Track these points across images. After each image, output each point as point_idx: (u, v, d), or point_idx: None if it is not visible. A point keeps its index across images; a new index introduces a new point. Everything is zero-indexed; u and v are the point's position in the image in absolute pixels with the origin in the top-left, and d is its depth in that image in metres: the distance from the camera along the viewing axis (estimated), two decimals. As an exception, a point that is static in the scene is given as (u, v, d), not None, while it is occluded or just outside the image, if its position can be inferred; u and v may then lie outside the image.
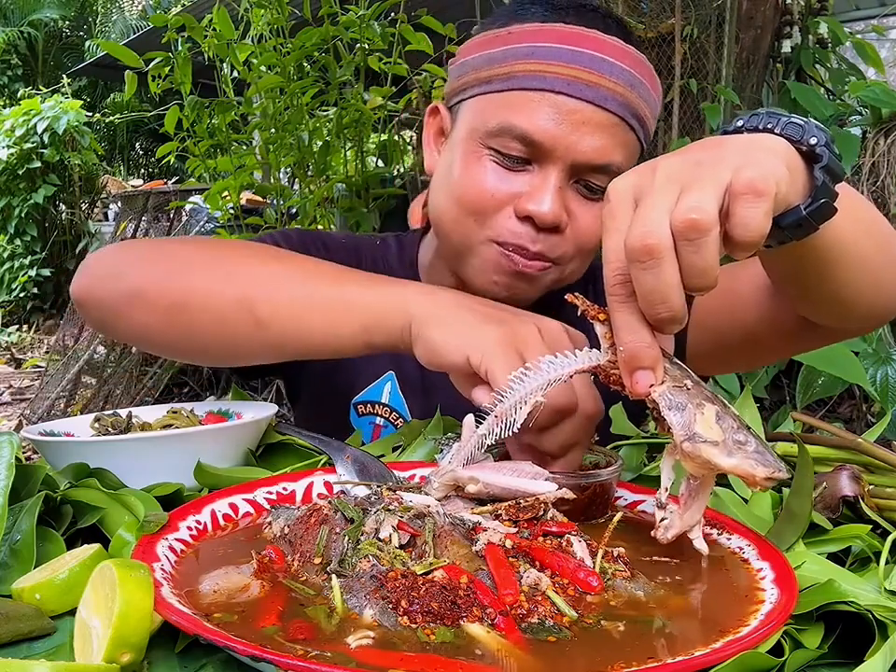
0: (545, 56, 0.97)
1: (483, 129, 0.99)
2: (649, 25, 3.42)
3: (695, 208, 0.56)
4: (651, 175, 0.61)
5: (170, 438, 0.85)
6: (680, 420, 0.58)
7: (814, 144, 0.65)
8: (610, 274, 0.60)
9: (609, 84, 0.97)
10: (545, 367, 0.65)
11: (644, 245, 0.56)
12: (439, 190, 1.06)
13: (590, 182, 0.99)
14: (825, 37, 3.58)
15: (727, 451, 0.57)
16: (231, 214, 3.15)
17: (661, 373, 0.60)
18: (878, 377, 2.63)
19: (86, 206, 9.57)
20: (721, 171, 0.58)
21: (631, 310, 0.59)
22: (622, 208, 0.61)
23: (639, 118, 1.00)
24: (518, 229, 0.97)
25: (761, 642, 0.50)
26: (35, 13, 13.22)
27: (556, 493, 0.71)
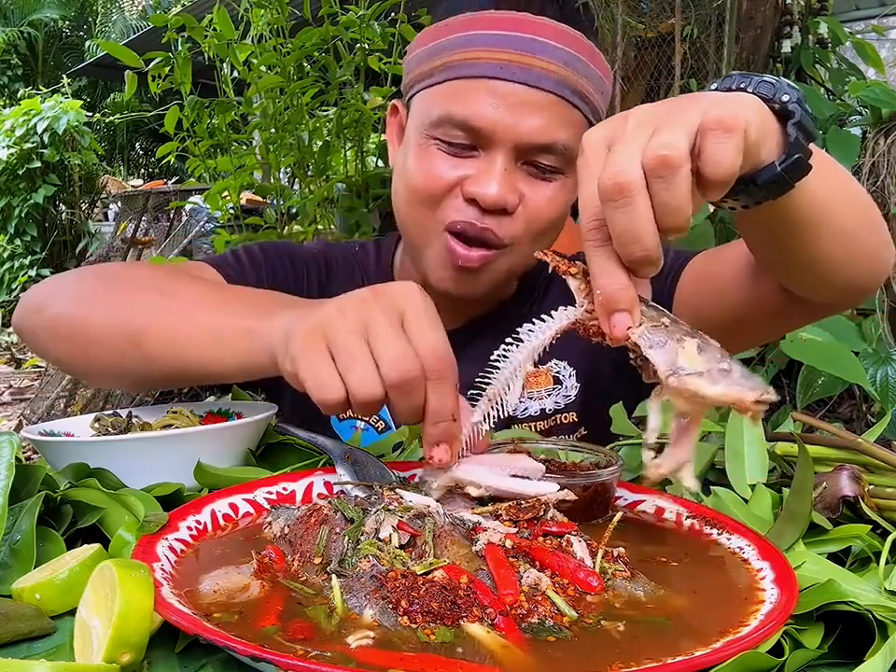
0: (477, 43, 1.00)
1: (428, 121, 1.02)
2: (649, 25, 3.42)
3: (666, 144, 0.57)
4: (623, 122, 0.61)
5: (170, 438, 0.85)
6: (663, 357, 0.58)
7: (786, 101, 0.66)
8: (586, 220, 0.60)
9: (543, 64, 0.98)
10: (525, 337, 0.65)
11: (615, 183, 0.56)
12: (396, 185, 1.09)
13: (539, 162, 1.01)
14: (825, 37, 3.58)
15: (712, 380, 0.56)
16: (230, 214, 3.15)
17: (638, 315, 0.60)
18: (878, 377, 2.63)
19: (86, 206, 9.57)
20: (691, 114, 0.59)
21: (607, 254, 0.59)
22: (595, 156, 0.61)
23: (580, 94, 1.01)
24: (465, 208, 1.00)
25: (761, 642, 0.50)
26: (35, 13, 13.22)
27: (557, 493, 0.71)
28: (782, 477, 0.84)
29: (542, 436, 1.07)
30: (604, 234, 0.59)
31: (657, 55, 3.39)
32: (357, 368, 0.67)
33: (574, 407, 1.15)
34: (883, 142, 2.94)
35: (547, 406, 1.15)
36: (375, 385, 0.66)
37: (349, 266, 1.22)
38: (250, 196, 3.87)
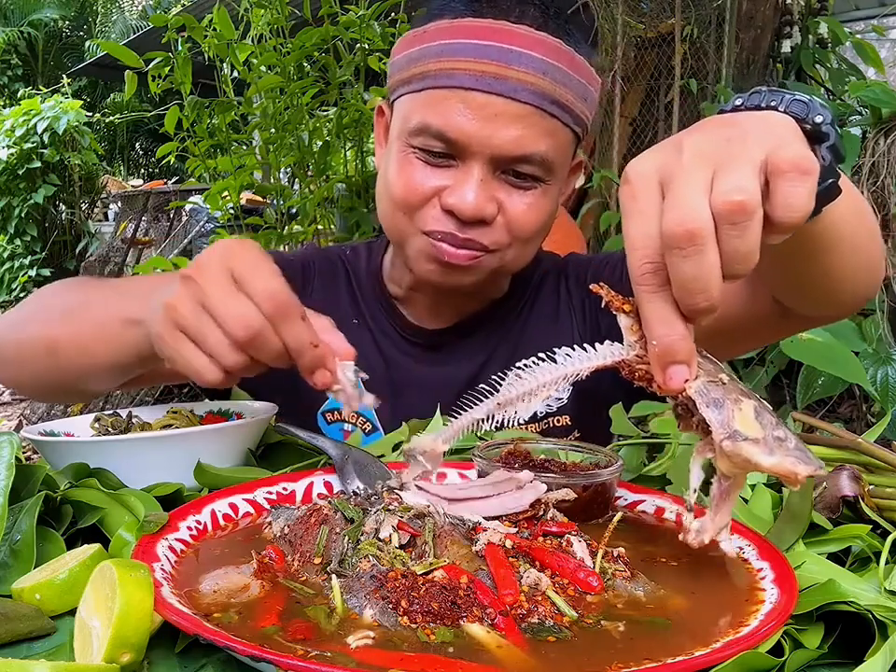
0: (453, 53, 0.99)
1: (407, 129, 1.02)
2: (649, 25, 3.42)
3: (739, 188, 0.52)
4: (677, 153, 0.56)
5: (170, 438, 0.85)
6: (719, 417, 0.55)
7: (819, 122, 0.62)
8: (637, 262, 0.55)
9: (519, 75, 0.97)
10: (560, 360, 0.61)
11: (685, 230, 0.52)
12: (379, 189, 1.10)
13: (518, 171, 1.01)
14: (825, 37, 3.58)
15: (768, 449, 0.54)
16: (230, 214, 3.15)
17: (695, 368, 0.57)
18: (878, 377, 2.63)
19: (86, 206, 9.57)
20: (754, 149, 0.55)
21: (664, 300, 0.55)
22: (645, 190, 0.56)
23: (559, 104, 1.00)
24: (444, 219, 1.00)
25: (761, 642, 0.50)
26: (35, 13, 13.22)
27: (557, 493, 0.71)
28: (782, 477, 0.84)
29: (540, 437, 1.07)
30: (660, 279, 0.54)
31: (657, 55, 3.40)
32: (208, 341, 0.69)
33: (567, 410, 1.15)
34: (883, 142, 2.94)
35: (538, 409, 1.15)
36: (231, 350, 0.68)
37: (332, 268, 1.23)
38: (250, 196, 3.87)
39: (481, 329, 1.17)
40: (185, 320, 0.70)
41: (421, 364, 1.16)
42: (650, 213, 0.55)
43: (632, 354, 0.59)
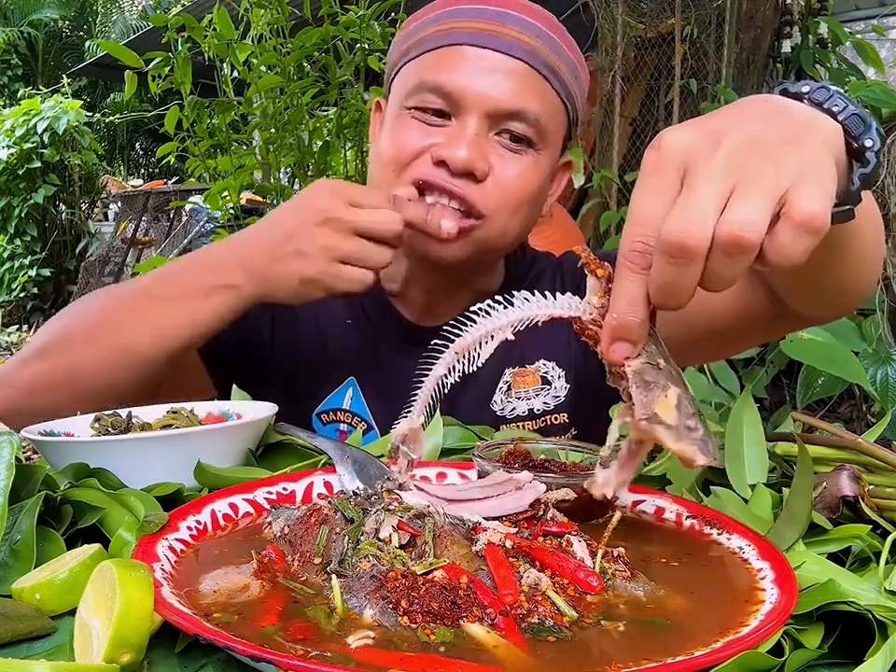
0: (451, 16, 1.04)
1: (404, 92, 1.05)
2: (649, 25, 3.42)
3: (747, 224, 0.52)
4: (713, 148, 0.54)
5: (170, 438, 0.85)
6: (644, 399, 0.58)
7: (868, 146, 0.61)
8: (631, 237, 0.55)
9: (514, 33, 1.02)
10: (518, 303, 0.62)
11: (682, 243, 0.52)
12: (371, 164, 1.13)
13: (512, 131, 1.02)
14: (825, 37, 3.58)
15: (677, 435, 0.57)
16: (230, 214, 3.14)
17: (640, 348, 0.59)
18: (878, 377, 2.63)
19: (86, 206, 9.57)
20: (782, 177, 0.54)
21: (639, 283, 0.55)
22: (669, 170, 0.55)
23: (551, 68, 1.04)
24: (434, 171, 1.01)
25: (761, 642, 0.50)
26: (35, 13, 13.23)
27: (557, 493, 0.71)
28: (782, 477, 0.84)
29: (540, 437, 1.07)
30: (645, 262, 0.55)
31: (657, 55, 3.40)
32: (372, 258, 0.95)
33: (565, 408, 1.15)
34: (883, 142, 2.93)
35: (535, 406, 1.15)
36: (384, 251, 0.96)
37: None
38: (250, 196, 3.87)
39: None
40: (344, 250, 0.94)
41: (416, 362, 1.16)
42: (665, 195, 0.54)
43: (588, 315, 0.61)
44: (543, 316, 0.62)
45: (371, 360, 1.17)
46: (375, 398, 1.15)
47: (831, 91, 0.63)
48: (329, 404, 1.17)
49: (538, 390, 1.15)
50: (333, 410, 1.17)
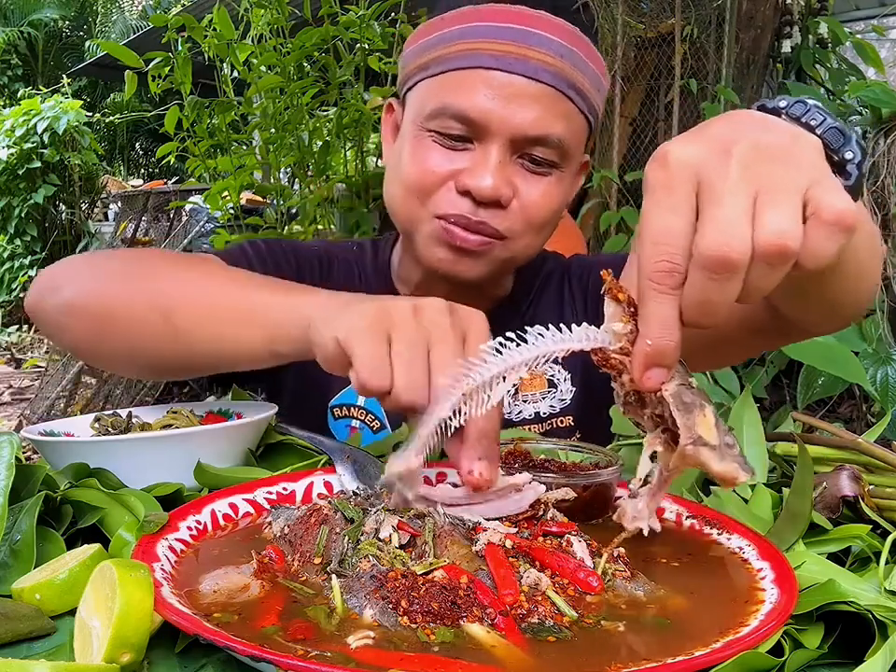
0: (474, 35, 1.00)
1: (424, 113, 1.02)
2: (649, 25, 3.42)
3: (785, 232, 0.51)
4: (724, 159, 0.53)
5: (170, 438, 0.85)
6: (686, 422, 0.56)
7: (848, 159, 0.61)
8: (654, 257, 0.53)
9: (539, 56, 0.99)
10: (531, 340, 0.58)
11: (725, 257, 0.51)
12: (390, 179, 1.09)
13: (534, 155, 1.01)
14: (825, 37, 3.58)
15: (720, 455, 0.56)
16: (230, 214, 3.15)
17: (673, 371, 0.57)
18: (878, 377, 2.63)
19: (86, 206, 9.57)
20: (799, 177, 0.53)
21: (672, 304, 0.53)
22: (683, 185, 0.53)
23: (576, 87, 1.01)
24: (458, 202, 1.00)
25: (761, 642, 0.50)
26: (35, 13, 13.22)
27: (557, 493, 0.71)
28: (782, 477, 0.84)
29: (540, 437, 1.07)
30: (674, 282, 0.53)
31: (657, 55, 3.39)
32: (413, 370, 0.65)
33: (570, 411, 1.15)
34: (883, 142, 2.94)
35: (542, 409, 1.15)
36: (422, 391, 0.65)
37: (348, 265, 1.22)
38: (250, 196, 3.87)
39: None
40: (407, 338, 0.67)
41: None
42: (681, 211, 0.53)
43: (612, 344, 0.58)
44: (560, 352, 0.58)
45: None
46: None
47: (808, 105, 0.62)
48: (342, 399, 1.17)
49: (544, 393, 1.15)
50: (347, 405, 1.17)
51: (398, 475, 0.62)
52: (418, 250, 1.07)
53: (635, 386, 0.57)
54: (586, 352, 0.59)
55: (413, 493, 0.64)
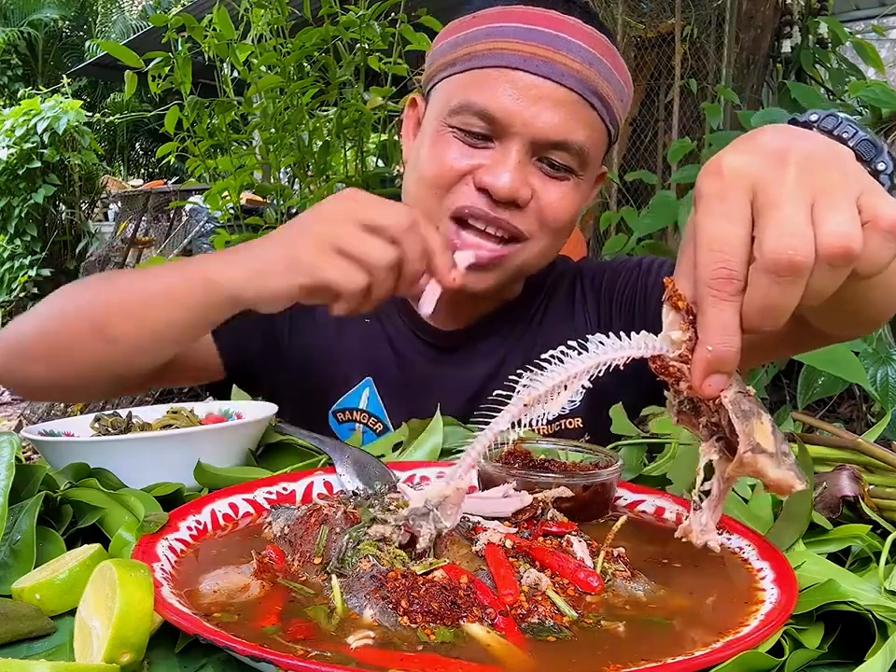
0: (503, 35, 1.00)
1: (447, 109, 1.02)
2: (649, 25, 3.42)
3: (850, 235, 0.51)
4: (779, 166, 0.54)
5: (170, 438, 0.85)
6: (745, 429, 0.56)
7: (881, 170, 0.62)
8: (713, 265, 0.53)
9: (566, 60, 0.98)
10: (592, 348, 0.58)
11: (791, 260, 0.51)
12: (408, 175, 1.09)
13: (553, 160, 1.00)
14: (825, 37, 3.58)
15: (777, 462, 0.56)
16: (230, 214, 3.15)
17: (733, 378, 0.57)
18: (878, 377, 2.63)
19: (86, 206, 9.57)
20: (852, 185, 0.54)
21: (733, 310, 0.53)
22: (738, 192, 0.54)
23: (600, 96, 1.01)
24: (475, 197, 1.00)
25: (761, 642, 0.50)
26: (35, 13, 13.22)
27: (554, 491, 0.71)
28: (782, 477, 0.84)
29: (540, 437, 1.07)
30: (734, 289, 0.53)
31: (657, 55, 3.40)
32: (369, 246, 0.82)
33: (579, 412, 1.15)
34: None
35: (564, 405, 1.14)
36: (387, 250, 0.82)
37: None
38: (250, 196, 3.87)
39: (496, 330, 1.16)
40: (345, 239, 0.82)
41: (435, 365, 1.16)
42: (737, 218, 0.53)
43: (671, 351, 0.57)
44: (621, 360, 0.58)
45: (389, 361, 1.16)
46: (392, 399, 1.15)
47: (839, 118, 0.63)
48: (345, 403, 1.17)
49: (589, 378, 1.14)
50: (349, 409, 1.17)
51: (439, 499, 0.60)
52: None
53: (693, 394, 0.57)
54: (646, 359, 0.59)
55: (453, 521, 0.60)
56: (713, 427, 0.59)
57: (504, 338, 1.16)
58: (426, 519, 0.60)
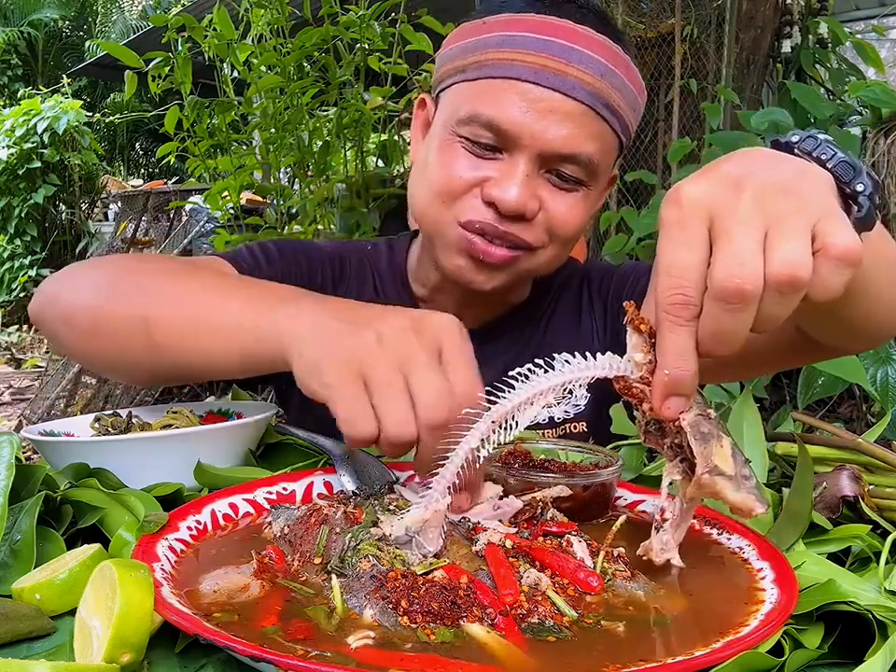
0: (514, 45, 0.99)
1: (455, 117, 1.01)
2: (649, 25, 3.42)
3: (797, 262, 0.53)
4: (735, 193, 0.55)
5: (170, 438, 0.85)
6: (703, 451, 0.57)
7: (859, 191, 0.62)
8: (669, 292, 0.55)
9: (577, 73, 0.97)
10: (558, 366, 0.60)
11: (738, 287, 0.52)
12: (415, 178, 1.08)
13: (562, 172, 1.00)
14: (825, 37, 3.58)
15: (736, 485, 0.57)
16: (230, 214, 3.15)
17: (691, 401, 0.58)
18: (878, 377, 2.63)
19: (86, 206, 9.58)
20: (807, 212, 0.55)
21: (688, 335, 0.55)
22: (695, 221, 0.55)
23: (611, 108, 1.00)
24: (483, 210, 0.99)
25: (761, 642, 0.50)
26: (35, 13, 13.23)
27: (553, 490, 0.71)
28: (782, 477, 0.84)
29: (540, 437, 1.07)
30: (689, 314, 0.55)
31: (657, 55, 3.39)
32: (393, 409, 0.65)
33: (584, 416, 1.14)
34: (883, 142, 2.94)
35: (556, 414, 1.14)
36: (410, 426, 0.64)
37: (362, 266, 1.21)
38: (250, 196, 3.87)
39: (502, 334, 1.16)
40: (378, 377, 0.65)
41: None
42: (694, 245, 0.55)
43: (634, 373, 0.59)
44: (585, 379, 0.60)
45: None
46: None
47: (819, 140, 0.64)
48: None
49: (559, 399, 1.15)
50: None
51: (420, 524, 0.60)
52: (438, 255, 1.05)
53: (655, 415, 0.59)
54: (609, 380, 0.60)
55: (436, 544, 0.60)
56: (677, 448, 0.60)
57: (512, 341, 1.16)
58: (409, 547, 0.60)
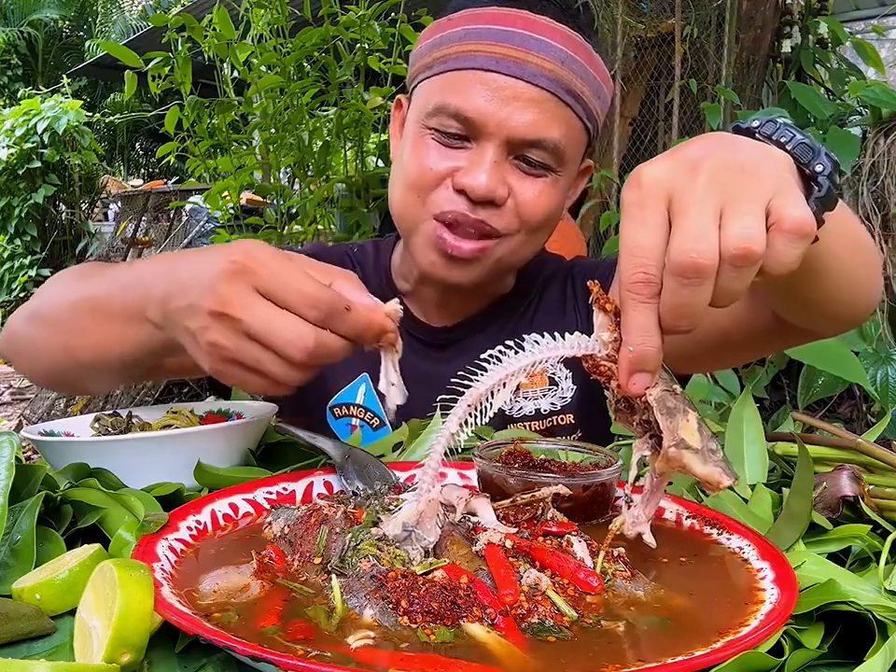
0: (476, 37, 1.02)
1: (425, 111, 1.04)
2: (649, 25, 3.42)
3: (750, 237, 0.54)
4: (691, 175, 0.57)
5: (170, 438, 0.85)
6: (669, 425, 0.58)
7: (819, 171, 0.64)
8: (631, 269, 0.56)
9: (538, 60, 1.00)
10: (528, 347, 0.62)
11: (694, 262, 0.54)
12: (393, 178, 1.11)
13: (529, 157, 1.02)
14: (825, 37, 3.58)
15: (703, 458, 0.58)
16: (230, 214, 3.15)
17: (657, 376, 0.60)
18: (878, 377, 2.63)
19: (86, 206, 9.58)
20: (763, 189, 0.57)
21: (650, 311, 0.56)
22: (654, 200, 0.57)
23: (574, 94, 1.03)
24: (455, 199, 1.02)
25: (761, 642, 0.50)
26: (35, 13, 13.23)
27: (552, 489, 0.71)
28: (782, 477, 0.84)
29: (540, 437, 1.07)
30: (650, 291, 0.56)
31: (657, 55, 3.40)
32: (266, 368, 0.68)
33: (571, 409, 1.16)
34: (883, 142, 2.94)
35: (542, 406, 1.15)
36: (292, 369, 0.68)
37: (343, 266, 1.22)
38: (250, 196, 3.87)
39: (487, 326, 1.18)
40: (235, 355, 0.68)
41: (427, 361, 1.17)
42: (653, 225, 0.56)
43: (601, 351, 0.61)
44: (554, 359, 0.62)
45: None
46: None
47: (778, 124, 0.66)
48: (341, 398, 1.18)
49: (545, 390, 1.16)
50: (346, 404, 1.18)
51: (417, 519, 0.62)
52: (413, 252, 1.08)
53: (623, 392, 0.60)
54: (578, 358, 0.62)
55: (435, 534, 0.62)
56: (645, 424, 0.61)
57: (496, 333, 1.17)
58: (409, 542, 0.61)
